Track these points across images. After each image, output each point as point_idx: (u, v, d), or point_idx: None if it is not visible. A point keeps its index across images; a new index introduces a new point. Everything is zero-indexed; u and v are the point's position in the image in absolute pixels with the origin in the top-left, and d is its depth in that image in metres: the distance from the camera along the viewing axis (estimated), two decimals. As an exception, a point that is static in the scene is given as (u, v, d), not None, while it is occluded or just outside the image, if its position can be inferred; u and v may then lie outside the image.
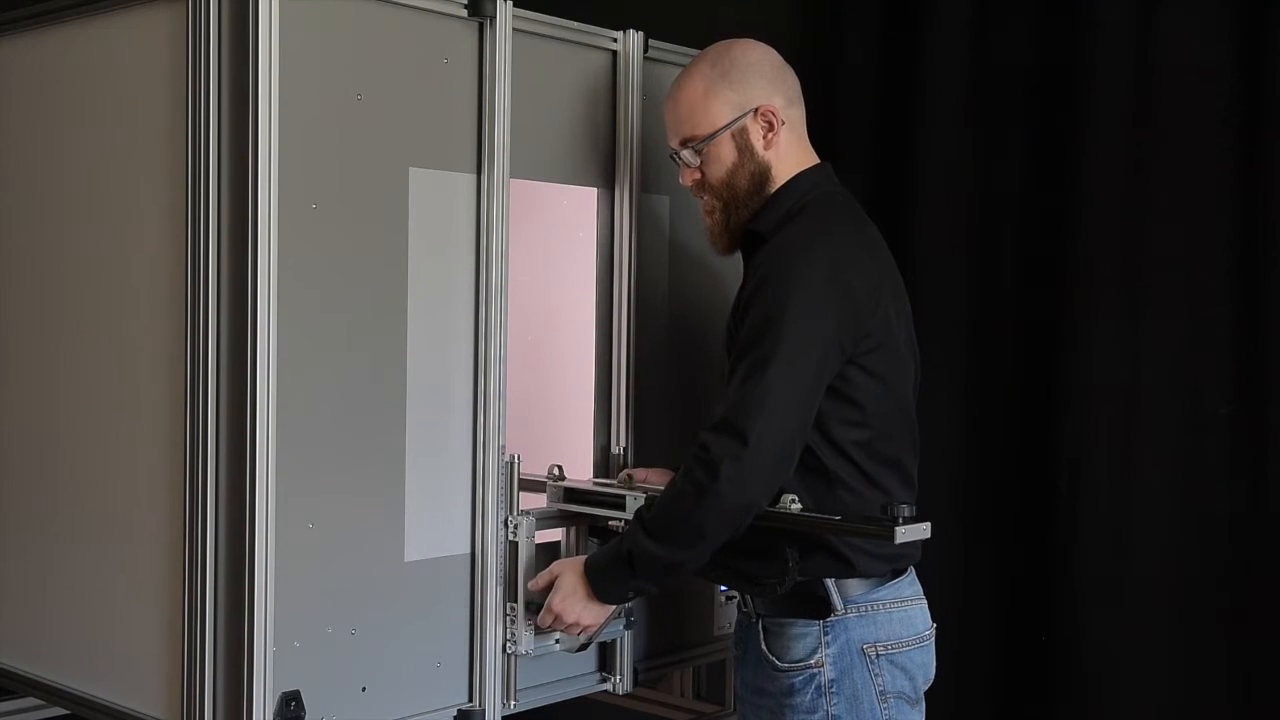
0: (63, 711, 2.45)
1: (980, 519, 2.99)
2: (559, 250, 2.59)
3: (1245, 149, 2.68)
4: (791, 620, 2.19)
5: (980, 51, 2.98)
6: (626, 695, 2.51)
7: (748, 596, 2.26)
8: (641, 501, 2.24)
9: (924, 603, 2.25)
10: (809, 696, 2.17)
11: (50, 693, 2.39)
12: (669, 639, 2.63)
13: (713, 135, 2.23)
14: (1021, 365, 2.94)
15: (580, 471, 2.51)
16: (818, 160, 2.29)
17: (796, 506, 2.11)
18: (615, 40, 2.50)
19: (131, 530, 2.23)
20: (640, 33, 2.52)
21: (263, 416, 2.02)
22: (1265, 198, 2.65)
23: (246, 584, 2.03)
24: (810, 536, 2.13)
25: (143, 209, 2.20)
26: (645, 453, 2.55)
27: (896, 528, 1.99)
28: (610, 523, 2.34)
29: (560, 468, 2.41)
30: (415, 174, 2.21)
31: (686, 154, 2.26)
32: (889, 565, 2.20)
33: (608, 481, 2.42)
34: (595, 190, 2.50)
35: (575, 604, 2.21)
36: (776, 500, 2.12)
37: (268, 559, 2.03)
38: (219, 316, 2.06)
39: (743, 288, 2.23)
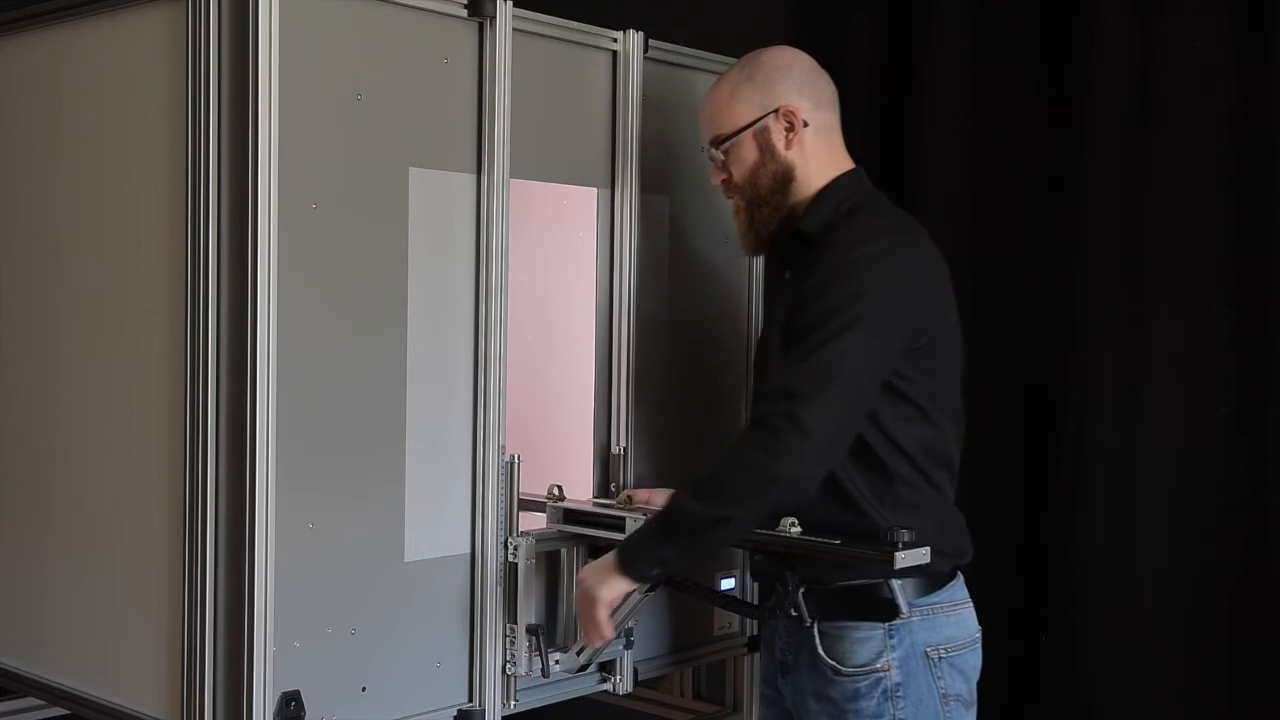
0: (63, 711, 2.45)
1: (980, 519, 2.98)
2: (559, 250, 2.59)
3: (1246, 149, 2.68)
4: (853, 624, 2.16)
5: (981, 52, 2.98)
6: (626, 695, 2.51)
7: (800, 599, 2.17)
8: (641, 523, 2.23)
9: (972, 605, 2.25)
10: (875, 701, 2.14)
11: (50, 693, 2.39)
12: (669, 639, 2.63)
13: (735, 134, 2.25)
14: (1022, 365, 2.94)
15: (580, 473, 2.51)
16: (852, 165, 2.30)
17: (796, 530, 2.10)
18: (615, 40, 2.50)
19: (132, 530, 2.23)
20: (640, 33, 2.52)
21: (263, 416, 2.02)
22: (1266, 198, 2.65)
23: (246, 584, 2.03)
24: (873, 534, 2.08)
25: (143, 209, 2.20)
26: (645, 453, 2.55)
27: (896, 553, 1.99)
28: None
29: (560, 488, 2.40)
30: (415, 174, 2.21)
31: (714, 152, 2.29)
32: (952, 562, 2.21)
33: (607, 502, 2.42)
34: (595, 190, 2.50)
35: (594, 575, 2.14)
36: (776, 523, 2.11)
37: (268, 559, 2.03)
38: (219, 316, 2.06)
39: (791, 285, 2.22)
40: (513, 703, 2.32)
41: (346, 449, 2.14)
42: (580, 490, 2.48)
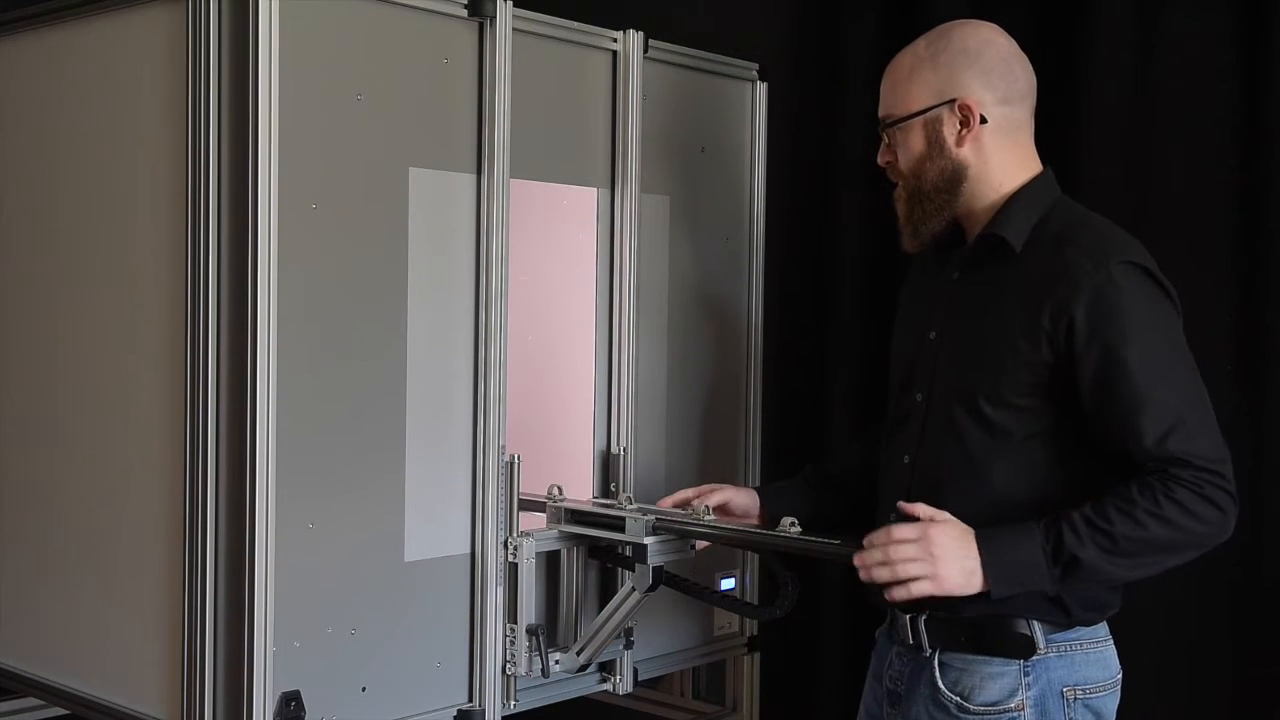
0: (63, 711, 2.45)
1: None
2: (559, 250, 2.59)
3: (1246, 149, 2.68)
4: (983, 658, 2.01)
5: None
6: (626, 695, 2.51)
7: (921, 627, 2.05)
8: (642, 523, 2.21)
9: (1113, 642, 2.11)
10: None
11: (50, 693, 2.39)
12: (669, 639, 2.63)
13: (904, 119, 2.06)
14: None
15: (580, 473, 2.51)
16: (1040, 166, 2.11)
17: (796, 529, 2.08)
18: (615, 40, 2.50)
19: (132, 530, 2.23)
20: (640, 33, 2.52)
21: (263, 416, 2.02)
22: (1266, 197, 2.65)
23: (246, 584, 2.03)
24: None
25: (142, 209, 2.20)
26: (645, 453, 2.55)
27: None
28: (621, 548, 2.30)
29: (560, 487, 2.40)
30: (415, 174, 2.21)
31: (885, 132, 2.10)
32: (1102, 615, 2.07)
33: (607, 502, 2.42)
34: (595, 190, 2.50)
35: (958, 571, 1.90)
36: (776, 523, 2.09)
37: (268, 559, 2.03)
38: (219, 317, 2.06)
39: (972, 292, 2.07)
40: (513, 703, 2.32)
41: (346, 449, 2.14)
42: (580, 490, 2.48)
